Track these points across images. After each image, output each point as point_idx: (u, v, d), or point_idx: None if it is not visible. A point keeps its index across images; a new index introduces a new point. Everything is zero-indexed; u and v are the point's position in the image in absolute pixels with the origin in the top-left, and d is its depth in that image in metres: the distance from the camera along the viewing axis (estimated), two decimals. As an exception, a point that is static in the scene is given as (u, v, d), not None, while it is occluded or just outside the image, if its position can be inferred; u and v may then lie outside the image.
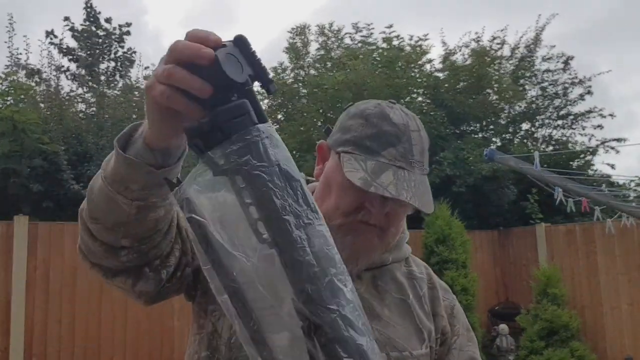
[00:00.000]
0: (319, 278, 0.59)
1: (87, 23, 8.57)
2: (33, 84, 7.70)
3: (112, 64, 8.87)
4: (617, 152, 9.71)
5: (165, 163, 0.75)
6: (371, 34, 10.51)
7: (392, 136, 0.99)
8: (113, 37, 8.74)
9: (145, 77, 8.87)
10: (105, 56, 8.77)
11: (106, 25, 8.73)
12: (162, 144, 0.73)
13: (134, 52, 8.98)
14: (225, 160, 0.60)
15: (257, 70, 0.63)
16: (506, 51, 10.23)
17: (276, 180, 0.60)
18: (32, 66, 7.95)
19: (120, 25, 8.75)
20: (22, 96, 6.76)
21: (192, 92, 0.61)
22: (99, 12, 8.68)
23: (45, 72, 7.95)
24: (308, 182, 1.12)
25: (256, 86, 0.65)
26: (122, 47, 8.86)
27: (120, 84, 8.67)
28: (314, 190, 1.07)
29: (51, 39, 8.30)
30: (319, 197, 1.03)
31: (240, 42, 0.63)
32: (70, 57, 8.51)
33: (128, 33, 8.86)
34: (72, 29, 8.48)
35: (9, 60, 7.71)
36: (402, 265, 1.13)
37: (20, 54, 7.85)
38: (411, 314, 1.05)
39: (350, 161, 0.98)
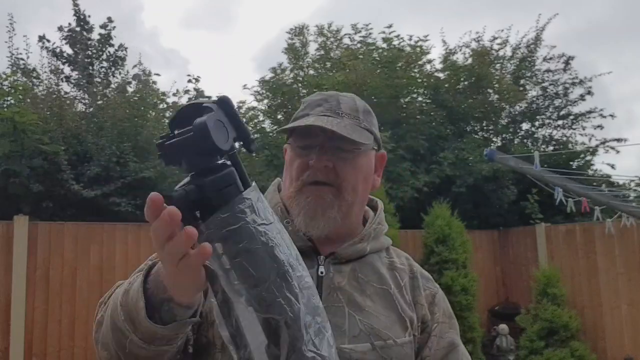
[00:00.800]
0: (309, 325, 0.65)
1: (78, 28, 8.56)
2: (30, 84, 7.69)
3: (105, 64, 8.85)
4: (618, 152, 9.72)
5: (196, 308, 0.80)
6: (370, 34, 10.51)
7: (320, 100, 1.10)
8: (103, 38, 8.72)
9: (135, 76, 8.80)
10: (99, 57, 8.76)
11: (100, 30, 8.71)
12: (197, 297, 0.78)
13: (125, 49, 8.96)
14: (219, 227, 0.64)
15: (241, 132, 0.66)
16: (507, 51, 10.25)
17: (277, 236, 0.65)
18: (29, 66, 7.94)
19: (105, 25, 8.72)
20: (22, 96, 6.77)
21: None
22: (89, 16, 8.69)
23: (45, 72, 7.96)
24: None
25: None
26: (112, 45, 8.85)
27: (113, 84, 8.65)
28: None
29: (43, 43, 8.29)
30: (283, 185, 1.13)
31: (225, 104, 0.65)
32: (64, 60, 8.50)
33: (114, 28, 8.83)
34: (66, 37, 8.46)
35: (9, 60, 7.72)
36: (383, 256, 1.15)
37: (20, 54, 7.86)
38: (393, 303, 1.07)
39: (291, 134, 1.10)
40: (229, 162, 0.66)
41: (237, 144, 0.68)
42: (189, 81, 9.40)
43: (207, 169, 0.64)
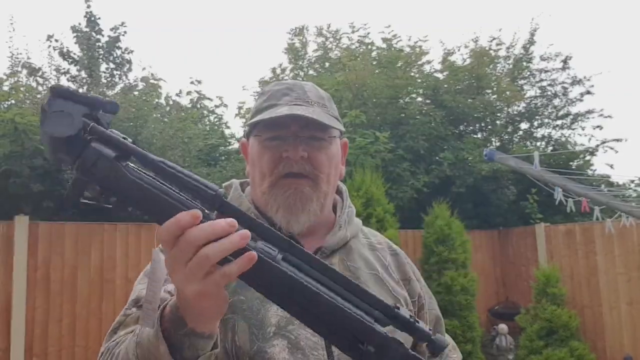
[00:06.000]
0: None
1: (87, 29, 8.56)
2: (34, 83, 7.71)
3: (112, 65, 8.86)
4: (616, 152, 9.73)
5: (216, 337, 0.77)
6: (368, 33, 10.53)
7: (284, 90, 1.05)
8: (111, 39, 8.74)
9: (142, 79, 8.82)
10: (105, 58, 8.77)
11: (109, 32, 8.73)
12: (217, 324, 0.75)
13: (131, 52, 8.97)
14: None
15: (90, 102, 0.67)
16: (505, 51, 10.28)
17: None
18: (34, 65, 7.95)
19: (115, 28, 8.74)
20: (22, 96, 6.78)
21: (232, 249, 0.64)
22: (99, 18, 8.70)
23: (46, 71, 7.97)
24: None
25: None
26: (119, 47, 8.86)
27: (119, 86, 8.68)
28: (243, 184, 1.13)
29: (51, 42, 8.30)
30: (252, 185, 1.08)
31: (56, 91, 0.66)
32: (71, 60, 8.51)
33: (124, 33, 8.85)
34: (76, 37, 8.47)
35: (9, 61, 7.73)
36: (361, 237, 1.14)
37: (20, 54, 7.87)
38: (385, 286, 1.07)
39: (251, 122, 1.05)
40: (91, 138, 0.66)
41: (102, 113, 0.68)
42: (192, 83, 9.40)
43: (77, 157, 0.66)
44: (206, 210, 0.66)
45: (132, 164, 0.67)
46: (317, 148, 1.02)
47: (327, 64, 10.85)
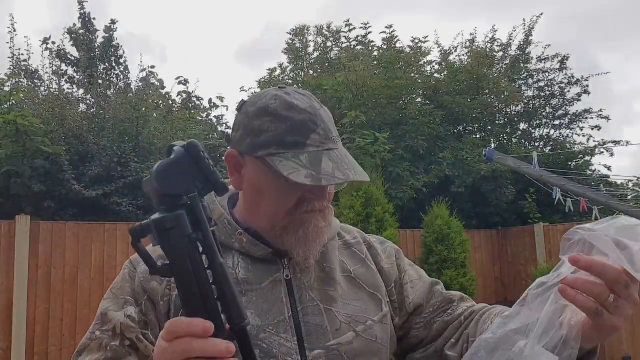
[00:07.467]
0: None
1: (83, 30, 8.59)
2: (32, 84, 7.74)
3: (108, 65, 8.89)
4: (612, 154, 9.76)
5: None
6: (369, 32, 10.55)
7: (307, 122, 0.97)
8: (105, 39, 8.77)
9: (142, 79, 8.84)
10: (102, 59, 8.80)
11: (102, 33, 8.76)
12: None
13: (123, 53, 9.01)
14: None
15: (208, 175, 0.69)
16: (502, 52, 10.31)
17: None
18: (32, 68, 7.98)
19: (108, 27, 8.76)
20: (23, 97, 6.81)
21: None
22: (94, 18, 8.73)
23: (47, 73, 8.00)
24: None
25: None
26: (114, 46, 8.89)
27: (118, 86, 8.70)
28: (232, 196, 1.08)
29: (48, 44, 8.32)
30: (249, 205, 1.03)
31: (191, 147, 0.69)
32: (68, 61, 8.53)
33: (116, 30, 8.87)
34: (72, 38, 8.49)
35: (10, 62, 7.75)
36: (337, 239, 1.13)
37: (22, 54, 7.90)
38: (359, 285, 1.07)
39: (283, 162, 0.94)
40: (188, 203, 0.68)
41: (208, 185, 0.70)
42: (179, 83, 9.44)
43: (164, 209, 0.67)
44: (223, 323, 0.68)
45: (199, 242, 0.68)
46: (337, 184, 1.00)
47: (327, 64, 10.87)
